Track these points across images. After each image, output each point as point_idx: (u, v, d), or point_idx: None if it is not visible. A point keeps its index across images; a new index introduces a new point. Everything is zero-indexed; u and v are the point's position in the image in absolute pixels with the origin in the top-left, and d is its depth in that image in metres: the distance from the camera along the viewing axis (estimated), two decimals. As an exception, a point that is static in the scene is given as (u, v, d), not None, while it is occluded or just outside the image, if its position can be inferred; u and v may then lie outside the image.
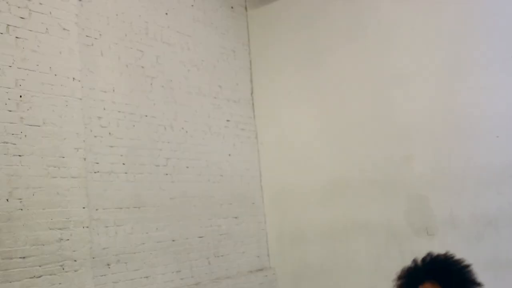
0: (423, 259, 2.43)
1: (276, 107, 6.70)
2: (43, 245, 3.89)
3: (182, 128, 5.75)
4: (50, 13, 4.22)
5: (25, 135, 3.91)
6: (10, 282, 3.65)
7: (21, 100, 3.93)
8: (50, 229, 3.96)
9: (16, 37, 3.98)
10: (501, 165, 5.09)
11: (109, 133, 4.95)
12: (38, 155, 3.96)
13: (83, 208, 4.26)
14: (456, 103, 5.38)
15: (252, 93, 6.89)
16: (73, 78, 4.33)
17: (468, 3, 5.39)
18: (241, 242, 6.27)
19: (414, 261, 2.42)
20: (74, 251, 4.10)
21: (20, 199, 3.81)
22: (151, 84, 5.49)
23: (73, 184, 4.14)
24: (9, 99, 3.86)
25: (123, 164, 5.03)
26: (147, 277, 5.05)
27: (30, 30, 4.07)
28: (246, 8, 7.02)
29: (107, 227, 4.74)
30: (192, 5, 6.18)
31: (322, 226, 6.20)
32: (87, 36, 4.87)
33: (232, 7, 6.79)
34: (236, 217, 6.27)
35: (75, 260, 4.09)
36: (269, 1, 6.82)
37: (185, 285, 5.43)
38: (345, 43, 6.17)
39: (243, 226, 6.36)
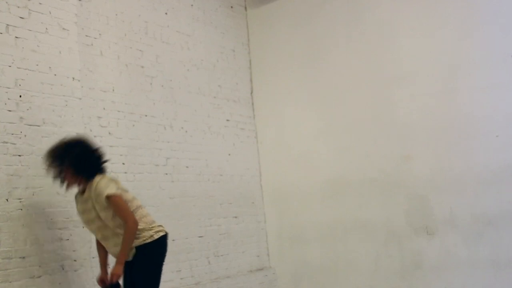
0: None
1: (276, 106, 6.70)
2: (43, 245, 3.89)
3: (182, 128, 5.75)
4: (50, 12, 4.20)
5: (25, 135, 3.90)
6: (10, 282, 3.64)
7: (20, 100, 3.92)
8: (50, 229, 3.96)
9: (16, 37, 3.96)
10: (501, 164, 5.09)
11: (109, 133, 4.95)
12: (38, 155, 3.94)
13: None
14: (456, 103, 5.38)
15: (251, 92, 6.89)
16: (73, 78, 4.31)
17: (468, 2, 5.39)
18: (241, 242, 6.27)
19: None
20: (74, 251, 4.09)
21: (20, 199, 3.80)
22: (150, 83, 5.48)
23: (73, 184, 4.13)
24: (8, 99, 3.85)
25: (123, 164, 5.02)
26: (147, 277, 5.04)
27: (30, 30, 4.05)
28: (245, 8, 7.02)
29: (107, 227, 4.73)
30: (192, 5, 6.18)
31: (322, 225, 6.21)
32: (86, 35, 4.86)
33: (231, 7, 6.78)
34: (236, 217, 6.27)
35: (75, 260, 4.08)
36: (268, 1, 6.82)
37: (185, 284, 5.43)
38: (345, 42, 6.17)
39: (243, 225, 6.36)
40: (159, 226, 3.78)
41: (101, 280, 3.79)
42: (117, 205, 3.58)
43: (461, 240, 5.29)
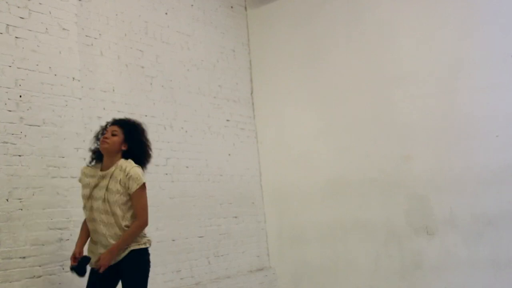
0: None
1: (276, 106, 6.70)
2: (43, 245, 3.89)
3: (182, 128, 5.75)
4: (50, 13, 4.21)
5: (25, 135, 3.91)
6: (10, 282, 3.64)
7: (20, 100, 3.92)
8: (50, 229, 3.96)
9: (16, 37, 3.96)
10: (500, 164, 5.09)
11: (109, 133, 4.94)
12: (38, 155, 3.95)
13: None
14: (456, 103, 5.38)
15: (252, 92, 6.89)
16: (73, 78, 4.32)
17: (468, 2, 5.39)
18: (241, 242, 6.27)
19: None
20: (74, 251, 4.10)
21: (20, 199, 3.80)
22: (150, 83, 5.49)
23: (73, 184, 4.13)
24: (9, 99, 3.85)
25: (123, 164, 5.01)
26: (147, 277, 5.03)
27: (30, 30, 4.06)
28: (245, 8, 7.02)
29: (107, 227, 4.73)
30: (192, 5, 6.18)
31: (322, 225, 6.21)
32: (86, 36, 4.87)
33: (231, 7, 6.79)
34: (236, 217, 6.27)
35: (75, 260, 4.09)
36: (268, 1, 6.82)
37: (185, 285, 5.43)
38: (345, 42, 6.18)
39: (243, 225, 6.36)
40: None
41: (74, 257, 3.61)
42: (142, 198, 3.56)
43: (461, 240, 5.29)
